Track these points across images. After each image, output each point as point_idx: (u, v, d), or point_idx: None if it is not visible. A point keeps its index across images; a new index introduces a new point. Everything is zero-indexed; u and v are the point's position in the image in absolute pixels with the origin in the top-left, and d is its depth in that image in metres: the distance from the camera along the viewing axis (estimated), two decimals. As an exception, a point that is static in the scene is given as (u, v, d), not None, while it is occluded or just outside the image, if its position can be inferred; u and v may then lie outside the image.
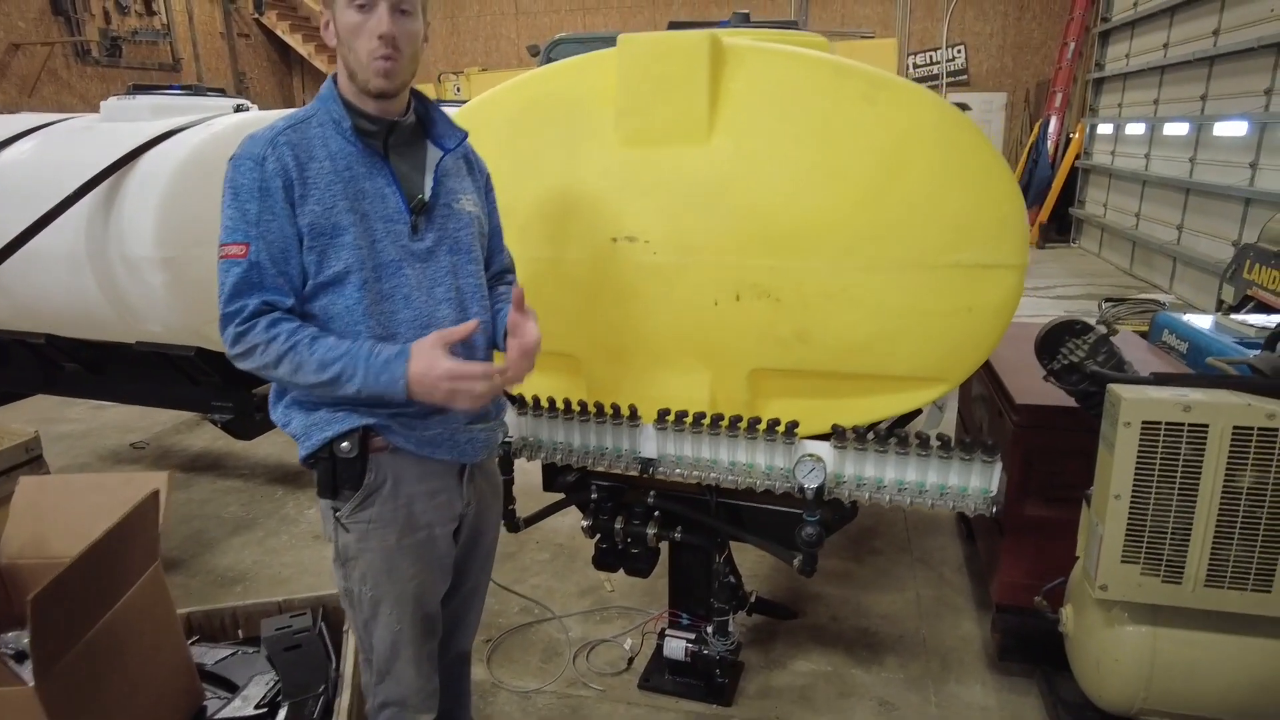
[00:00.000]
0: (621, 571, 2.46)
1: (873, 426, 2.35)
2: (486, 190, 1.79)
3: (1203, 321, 3.41)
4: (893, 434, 1.86)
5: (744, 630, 2.95)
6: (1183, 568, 1.91)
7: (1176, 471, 1.87)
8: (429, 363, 1.43)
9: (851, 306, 1.87)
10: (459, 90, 11.96)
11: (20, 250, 3.01)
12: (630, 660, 2.79)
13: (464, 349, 1.60)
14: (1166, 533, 1.91)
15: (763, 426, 1.93)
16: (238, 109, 3.45)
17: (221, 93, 3.74)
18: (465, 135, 1.69)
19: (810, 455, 1.89)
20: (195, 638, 2.14)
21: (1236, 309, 5.19)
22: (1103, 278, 9.77)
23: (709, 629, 2.48)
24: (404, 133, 1.60)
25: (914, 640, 2.92)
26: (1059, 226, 12.28)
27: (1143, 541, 1.92)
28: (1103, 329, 2.20)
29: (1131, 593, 1.96)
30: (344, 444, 1.50)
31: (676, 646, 2.51)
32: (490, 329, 1.70)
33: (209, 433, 4.97)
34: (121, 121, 3.31)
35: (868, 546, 3.58)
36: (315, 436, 1.51)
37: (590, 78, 2.02)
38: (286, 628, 2.07)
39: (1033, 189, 11.92)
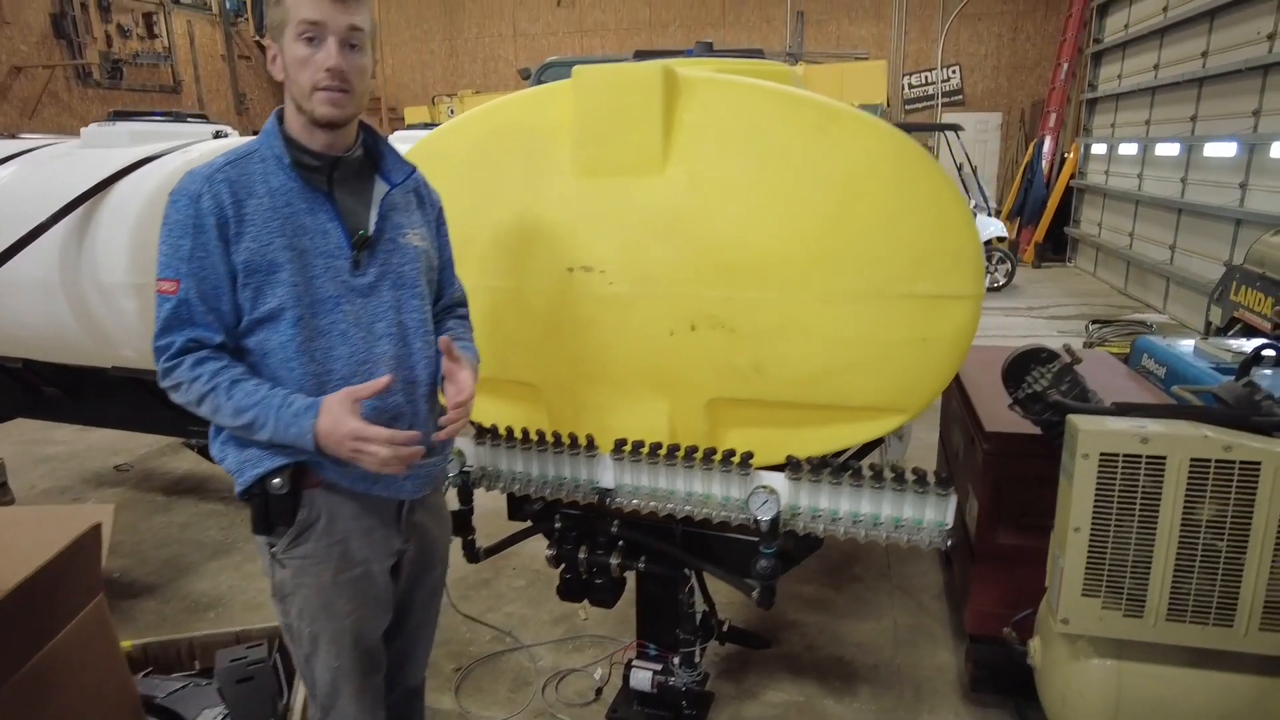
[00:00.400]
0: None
1: (837, 456, 2.35)
2: (438, 223, 1.79)
3: (1183, 346, 3.40)
4: (846, 466, 1.85)
5: (716, 659, 2.92)
6: (1144, 601, 1.89)
7: (1135, 504, 1.85)
8: (335, 420, 1.42)
9: (806, 337, 1.86)
10: (452, 112, 12.06)
11: (-5, 276, 3.01)
12: (599, 691, 2.76)
13: (404, 387, 1.60)
14: (1127, 566, 1.89)
15: (718, 457, 1.92)
16: (217, 135, 3.46)
17: (203, 118, 3.77)
18: (413, 170, 1.69)
19: (764, 487, 1.87)
20: (149, 669, 2.12)
21: (1224, 331, 5.18)
22: (1098, 297, 9.76)
23: (675, 660, 2.45)
24: (350, 167, 1.60)
25: (889, 670, 2.88)
26: (1055, 246, 12.30)
27: (1103, 575, 1.90)
28: (1067, 358, 2.19)
29: (1093, 626, 1.93)
30: (275, 480, 1.49)
31: (643, 677, 2.48)
32: (434, 364, 1.68)
33: (192, 456, 4.96)
34: (100, 148, 3.33)
35: (847, 573, 3.55)
36: (248, 473, 1.50)
37: (549, 108, 2.02)
38: (241, 659, 2.05)
39: (1028, 208, 11.95)
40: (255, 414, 1.44)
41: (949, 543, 1.79)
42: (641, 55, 2.44)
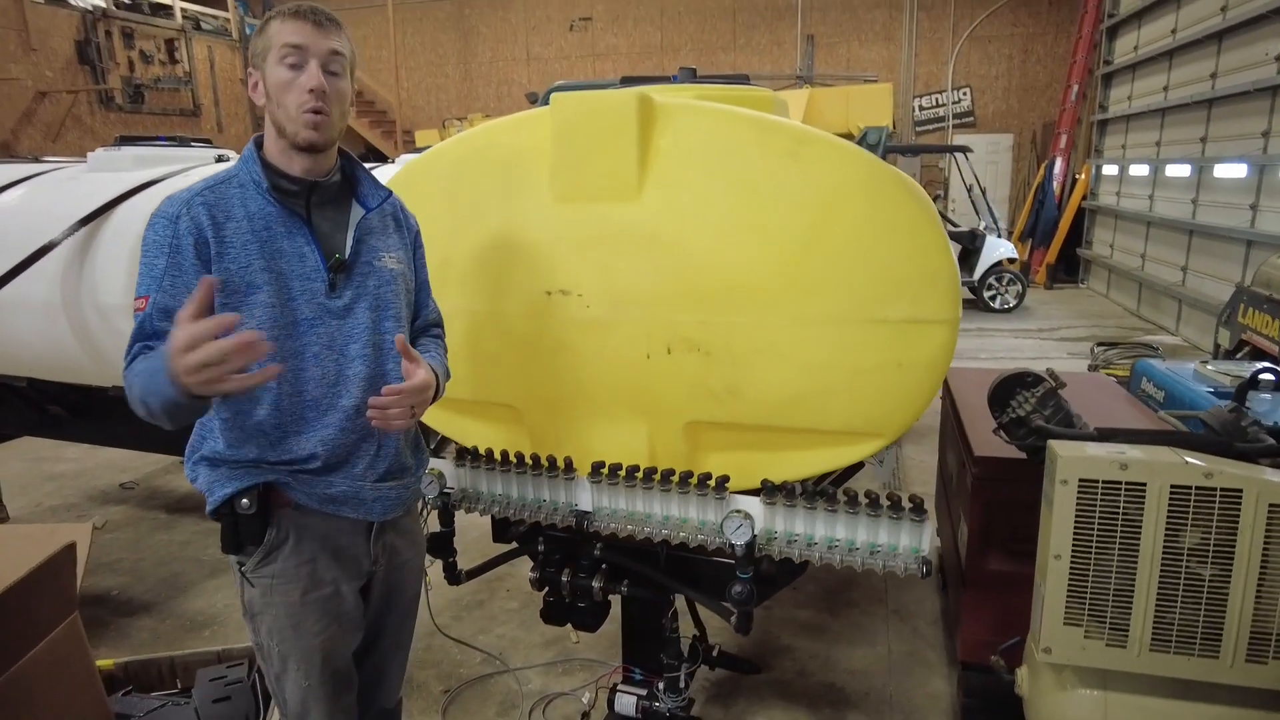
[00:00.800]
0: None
1: (820, 480, 2.33)
2: (415, 247, 1.81)
3: (1182, 369, 3.36)
4: (821, 490, 1.84)
5: (707, 684, 2.90)
6: (1127, 631, 1.85)
7: (1116, 531, 1.82)
8: (173, 336, 1.26)
9: (780, 361, 1.86)
10: (466, 134, 12.19)
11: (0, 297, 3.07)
12: (586, 715, 2.74)
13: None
14: (1108, 594, 1.85)
15: (694, 481, 1.91)
16: (219, 159, 3.53)
17: (207, 143, 3.84)
18: (389, 195, 1.71)
19: (738, 511, 1.86)
20: (129, 688, 2.13)
21: (1233, 354, 5.11)
22: (1109, 319, 9.68)
23: (660, 685, 2.43)
24: (328, 192, 1.63)
25: (880, 698, 2.85)
26: (1067, 267, 12.22)
27: (1085, 603, 1.87)
28: (1051, 383, 2.18)
29: (1075, 656, 1.90)
30: (244, 500, 1.50)
31: (628, 702, 2.46)
32: None
33: (196, 474, 4.99)
34: (105, 172, 3.40)
35: (844, 598, 3.52)
36: (218, 492, 1.51)
37: (528, 134, 2.05)
38: (221, 678, 2.06)
39: (1040, 230, 11.90)
40: (142, 381, 1.34)
41: (925, 570, 1.77)
42: (628, 81, 2.46)
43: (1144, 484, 1.79)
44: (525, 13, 15.92)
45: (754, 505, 1.88)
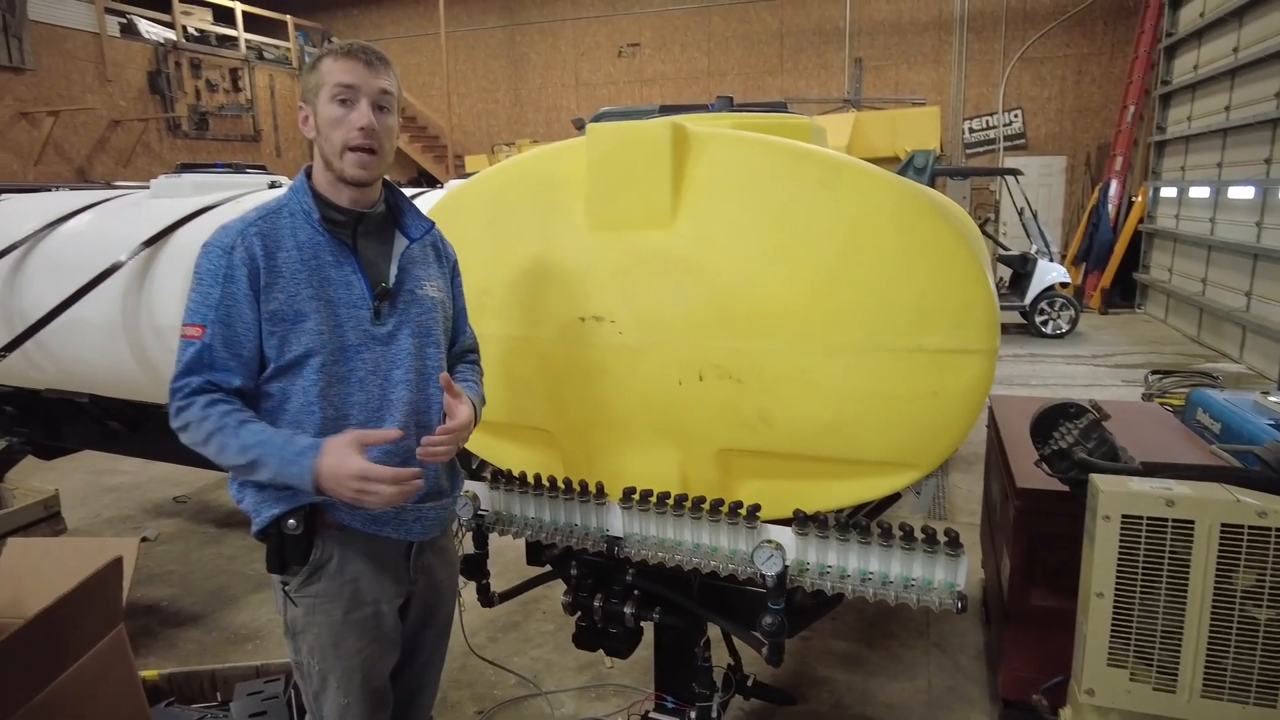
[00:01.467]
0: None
1: (855, 511, 2.30)
2: (453, 275, 1.86)
3: (1241, 400, 3.23)
4: (853, 522, 1.81)
5: (740, 714, 2.86)
6: (1176, 674, 1.78)
7: (1163, 570, 1.76)
8: (339, 461, 1.45)
9: (812, 389, 1.85)
10: (513, 159, 12.40)
11: (65, 317, 3.22)
12: (617, 741, 2.72)
13: (418, 431, 1.64)
14: (1155, 635, 1.79)
15: (725, 509, 1.90)
16: (272, 185, 3.65)
17: (263, 169, 3.98)
18: (431, 225, 1.76)
19: (769, 541, 1.84)
20: (171, 699, 2.19)
21: (1299, 384, 4.90)
22: (1168, 345, 9.36)
23: (693, 713, 2.40)
24: (373, 222, 1.68)
25: (919, 734, 2.77)
26: (1123, 291, 11.88)
27: (1130, 643, 1.81)
28: (1094, 414, 2.12)
29: (1120, 700, 1.83)
30: (290, 521, 1.54)
31: (659, 730, 2.44)
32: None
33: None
34: (166, 198, 3.55)
35: (883, 629, 3.44)
36: (264, 513, 1.56)
37: (564, 164, 2.08)
38: (258, 693, 2.10)
39: (1094, 253, 11.60)
40: (259, 453, 1.48)
41: (960, 606, 1.73)
42: (666, 110, 2.49)
43: (1192, 522, 1.72)
44: (575, 40, 16.19)
45: (786, 536, 1.87)
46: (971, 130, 14.22)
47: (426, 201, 3.13)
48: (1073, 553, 2.39)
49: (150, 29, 13.05)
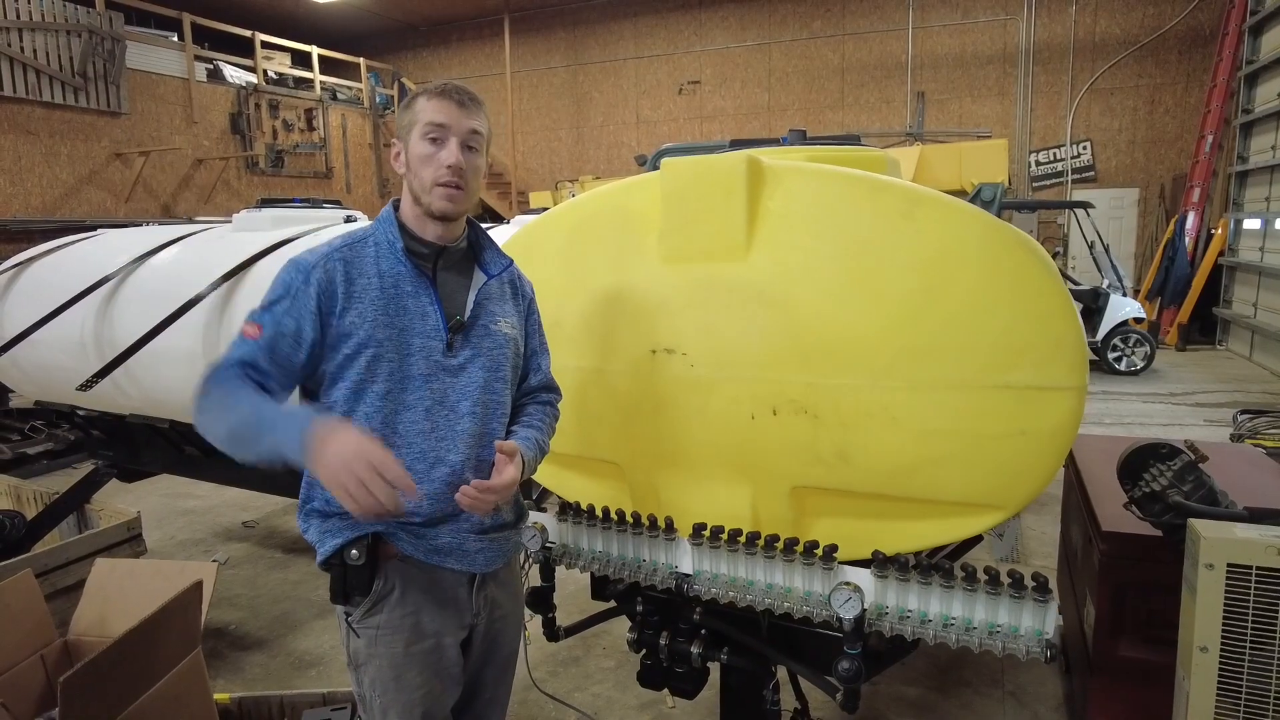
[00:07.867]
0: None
1: (934, 553, 2.21)
2: (529, 313, 1.87)
3: (1346, 444, 3.04)
4: (936, 564, 1.74)
5: (808, 762, 2.75)
6: (1292, 740, 1.65)
7: (1277, 624, 1.64)
8: (349, 436, 1.36)
9: (893, 426, 1.80)
10: (574, 195, 12.59)
11: (151, 347, 3.35)
12: (680, 785, 2.65)
13: (478, 465, 1.65)
14: (1269, 696, 1.66)
15: (800, 549, 1.85)
16: (347, 219, 3.77)
17: (337, 204, 4.11)
18: (509, 263, 1.78)
19: (847, 584, 1.78)
20: (242, 725, 2.21)
21: (1405, 427, 4.60)
22: (1254, 384, 8.91)
23: (759, 760, 2.32)
24: (454, 257, 1.71)
25: (996, 792, 2.63)
26: (1202, 327, 11.38)
27: (1240, 704, 1.68)
28: (1190, 455, 2.01)
29: (1229, 765, 1.71)
30: (353, 551, 1.55)
31: (724, 776, 2.37)
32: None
33: (312, 516, 5.22)
34: (247, 231, 3.69)
35: (955, 676, 3.30)
36: (328, 543, 1.57)
37: (637, 197, 2.09)
38: (326, 722, 2.11)
39: (1170, 288, 11.15)
40: (261, 412, 1.43)
41: (1049, 655, 1.64)
42: (737, 144, 2.49)
43: (1308, 574, 1.61)
44: (636, 78, 16.46)
45: (864, 577, 1.80)
46: (1038, 163, 13.93)
47: (496, 235, 3.19)
48: (1164, 601, 2.26)
49: (234, 73, 13.75)
